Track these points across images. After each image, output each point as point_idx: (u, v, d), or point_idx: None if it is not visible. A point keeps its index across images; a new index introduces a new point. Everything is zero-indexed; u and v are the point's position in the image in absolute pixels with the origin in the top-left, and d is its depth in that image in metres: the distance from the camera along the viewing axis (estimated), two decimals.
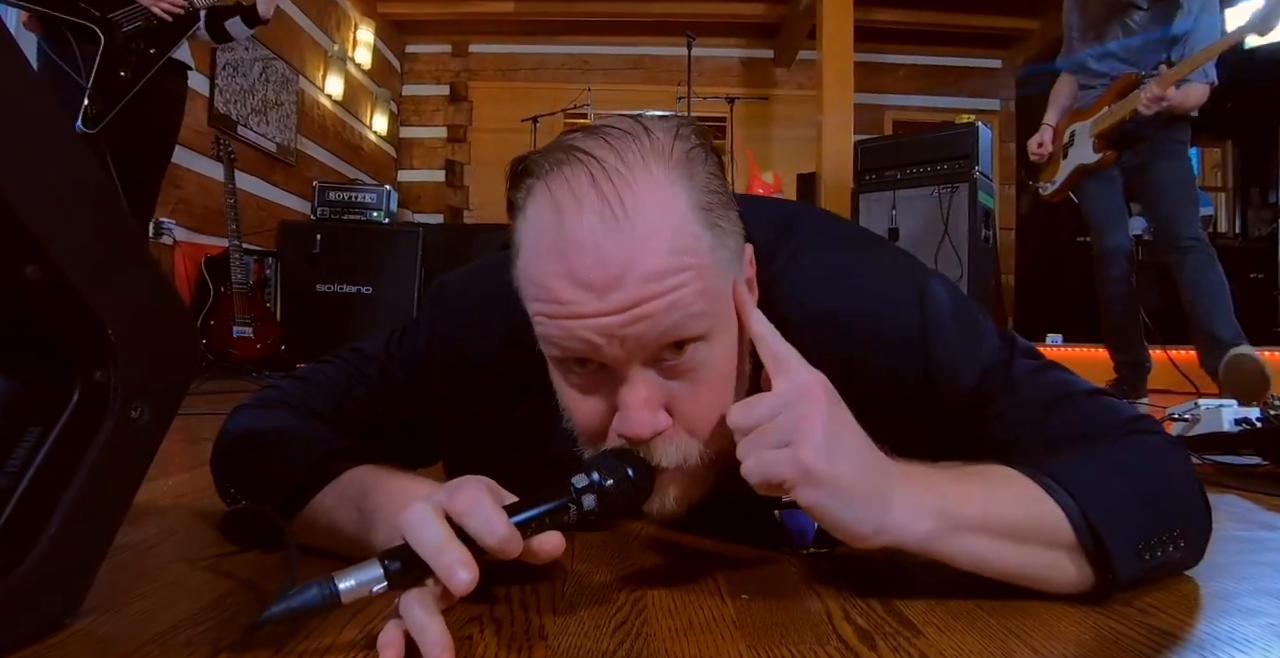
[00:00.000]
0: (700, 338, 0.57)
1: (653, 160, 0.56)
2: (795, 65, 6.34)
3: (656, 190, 0.55)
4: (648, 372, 0.57)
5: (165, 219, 3.42)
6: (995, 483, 0.59)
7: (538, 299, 0.56)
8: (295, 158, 4.72)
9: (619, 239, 0.53)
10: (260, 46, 4.24)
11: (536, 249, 0.56)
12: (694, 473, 0.60)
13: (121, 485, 0.54)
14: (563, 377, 0.61)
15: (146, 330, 0.53)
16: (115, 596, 0.58)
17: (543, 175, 0.56)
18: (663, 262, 0.53)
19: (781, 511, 0.70)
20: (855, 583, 0.63)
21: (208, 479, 0.77)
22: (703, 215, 0.56)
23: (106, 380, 0.50)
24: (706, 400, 0.59)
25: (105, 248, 0.50)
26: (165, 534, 0.77)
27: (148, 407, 0.53)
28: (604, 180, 0.54)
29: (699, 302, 0.55)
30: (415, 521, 0.50)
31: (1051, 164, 2.75)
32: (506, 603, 0.59)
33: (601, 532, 0.80)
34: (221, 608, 0.56)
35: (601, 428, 0.60)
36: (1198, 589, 0.64)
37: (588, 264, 0.53)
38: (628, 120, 0.59)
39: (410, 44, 6.53)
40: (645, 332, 0.54)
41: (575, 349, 0.56)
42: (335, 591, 0.48)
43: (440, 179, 6.45)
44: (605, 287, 0.53)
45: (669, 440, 0.58)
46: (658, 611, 0.57)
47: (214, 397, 2.33)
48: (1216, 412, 1.36)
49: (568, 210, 0.54)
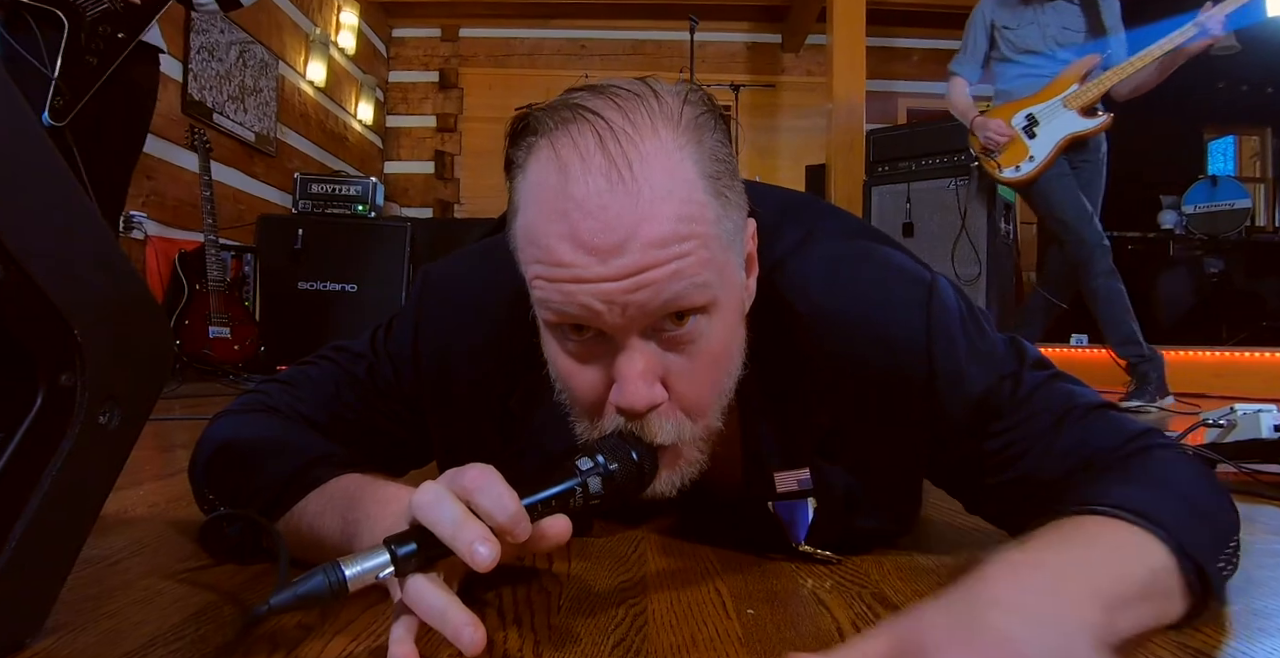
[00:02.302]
0: (702, 310, 0.58)
1: (661, 124, 0.56)
2: (804, 50, 6.34)
3: (665, 155, 0.55)
4: (647, 343, 0.58)
5: (136, 213, 3.42)
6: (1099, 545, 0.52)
7: (538, 261, 0.56)
8: (275, 148, 4.72)
9: (625, 203, 0.54)
10: (237, 29, 4.24)
11: (539, 209, 0.56)
12: (686, 453, 0.62)
13: (88, 495, 0.53)
14: (558, 344, 0.61)
15: (116, 331, 0.52)
16: (81, 613, 0.57)
17: (547, 133, 0.57)
18: (669, 228, 0.54)
19: (775, 502, 0.71)
20: (865, 597, 0.63)
21: (181, 488, 0.77)
22: (710, 184, 0.57)
23: (73, 384, 0.50)
24: (702, 377, 0.60)
25: (71, 244, 0.50)
26: (135, 547, 0.77)
27: (117, 412, 0.53)
28: (611, 142, 0.54)
29: (703, 271, 0.56)
30: (429, 501, 0.50)
31: (1012, 148, 2.91)
32: (499, 617, 0.58)
33: (599, 538, 0.80)
34: (196, 625, 0.56)
35: (598, 400, 0.60)
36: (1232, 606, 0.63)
37: (592, 227, 0.53)
38: (636, 82, 0.59)
39: (397, 27, 6.53)
40: (648, 299, 0.55)
41: (574, 315, 0.56)
42: (342, 577, 0.47)
43: (429, 171, 6.45)
44: (609, 251, 0.54)
45: (664, 416, 0.59)
46: (658, 625, 0.57)
47: (188, 401, 2.33)
48: (1255, 417, 1.35)
49: (573, 171, 0.54)
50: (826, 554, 0.72)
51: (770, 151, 6.13)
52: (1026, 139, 2.89)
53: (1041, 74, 2.92)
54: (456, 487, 0.51)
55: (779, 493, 0.71)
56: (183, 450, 1.41)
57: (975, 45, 3.05)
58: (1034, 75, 2.93)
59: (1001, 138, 2.91)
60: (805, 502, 0.71)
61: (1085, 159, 2.92)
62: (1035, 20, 2.92)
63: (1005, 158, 2.93)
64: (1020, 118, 2.90)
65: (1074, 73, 2.86)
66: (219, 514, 0.70)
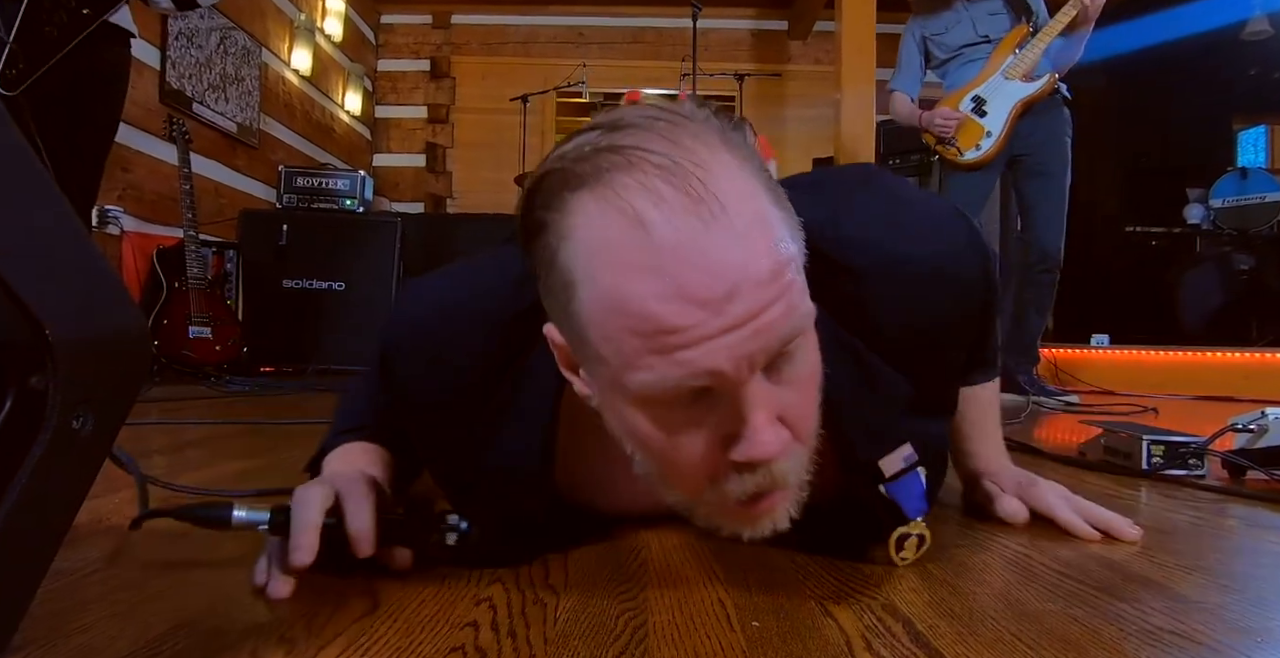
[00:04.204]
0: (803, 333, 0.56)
1: (715, 144, 0.53)
2: (811, 38, 6.34)
3: (736, 179, 0.52)
4: (763, 383, 0.54)
5: (112, 207, 3.42)
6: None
7: (636, 333, 0.51)
8: (258, 139, 4.72)
9: (725, 241, 0.50)
10: (217, 14, 4.24)
11: (617, 274, 0.50)
12: (802, 484, 0.60)
13: (60, 504, 0.53)
14: (652, 419, 0.56)
15: (90, 331, 0.52)
16: (52, 629, 0.57)
17: (588, 185, 0.52)
18: (770, 259, 0.52)
19: (888, 484, 0.70)
20: (875, 608, 0.63)
21: (159, 497, 0.78)
22: (775, 197, 0.55)
23: (44, 387, 0.50)
24: (808, 400, 0.59)
25: (41, 238, 0.50)
26: (110, 559, 0.77)
27: (91, 416, 0.52)
28: (683, 175, 0.50)
29: (803, 296, 0.55)
30: (301, 499, 0.66)
31: (967, 130, 3.01)
32: (493, 630, 0.58)
33: (598, 547, 0.80)
34: (174, 640, 0.56)
35: (713, 465, 0.57)
36: (1253, 623, 0.63)
37: (700, 279, 0.49)
38: (649, 108, 0.56)
39: (386, 13, 6.53)
40: (769, 343, 0.52)
41: (698, 384, 0.52)
42: (228, 516, 0.66)
43: (420, 164, 6.45)
44: (723, 300, 0.50)
45: (788, 455, 0.57)
46: (660, 639, 0.57)
47: (166, 404, 2.33)
48: None
49: (652, 217, 0.49)
50: (923, 529, 0.72)
51: (776, 143, 6.12)
52: (978, 118, 3.00)
53: (977, 59, 3.08)
54: (338, 487, 0.66)
55: (889, 476, 0.69)
56: (160, 456, 1.41)
57: (909, 60, 3.22)
58: (970, 60, 3.09)
59: (950, 122, 3.00)
60: (916, 472, 0.70)
61: (1041, 142, 3.01)
62: (960, 18, 3.10)
63: (963, 141, 3.02)
64: (966, 101, 3.02)
65: (1006, 47, 3.01)
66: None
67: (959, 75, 3.11)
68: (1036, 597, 0.67)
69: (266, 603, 0.64)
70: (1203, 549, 0.87)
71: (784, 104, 6.38)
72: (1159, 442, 1.34)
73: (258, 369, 3.82)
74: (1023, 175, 3.06)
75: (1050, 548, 0.83)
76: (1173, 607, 0.64)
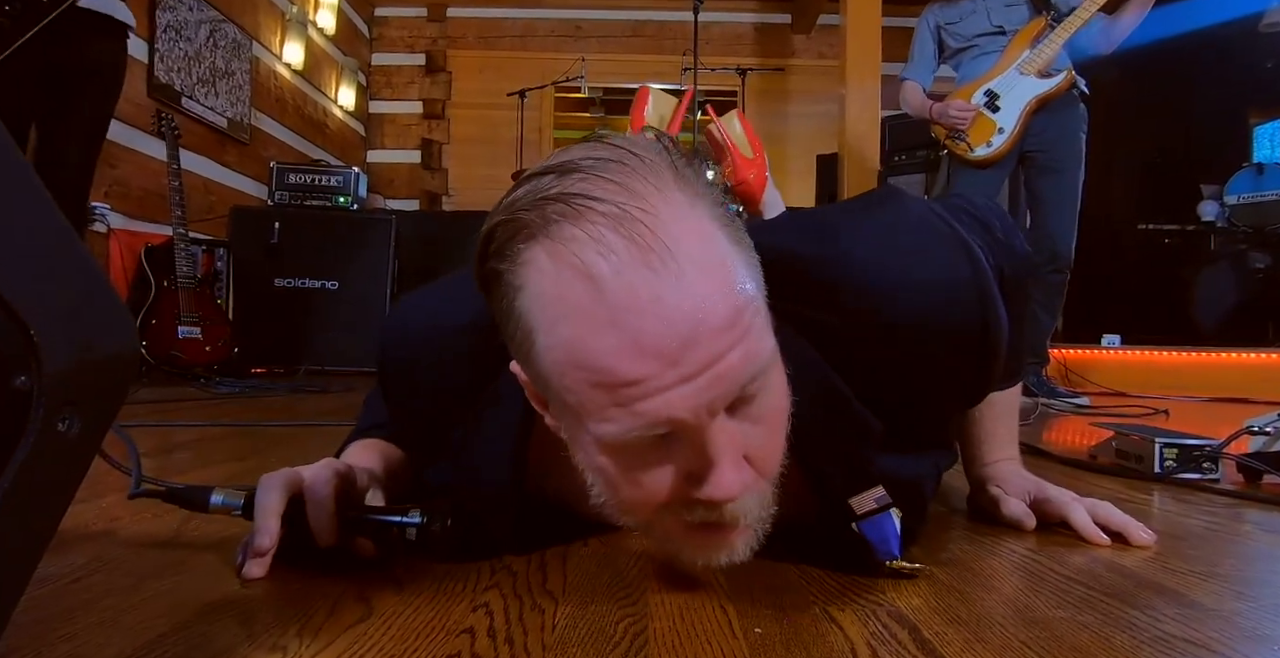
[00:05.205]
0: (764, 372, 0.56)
1: (665, 186, 0.53)
2: (815, 31, 6.34)
3: (686, 220, 0.52)
4: (727, 423, 0.55)
5: (99, 204, 3.41)
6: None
7: (595, 385, 0.52)
8: (249, 135, 4.72)
9: (677, 290, 0.50)
10: (207, 7, 4.24)
11: (572, 327, 0.51)
12: (763, 519, 0.61)
13: (45, 509, 0.53)
14: (615, 461, 0.58)
15: (76, 330, 0.52)
16: (36, 637, 0.57)
17: (538, 237, 0.52)
18: (727, 304, 0.52)
19: (859, 522, 0.71)
20: (881, 615, 0.63)
21: (146, 501, 0.79)
22: (731, 234, 0.55)
23: (29, 388, 0.50)
24: (774, 437, 0.59)
25: (26, 236, 0.50)
26: (96, 565, 0.77)
27: (77, 418, 0.52)
28: (630, 224, 0.50)
29: (765, 336, 0.55)
30: (265, 485, 0.72)
31: (978, 126, 2.99)
32: (490, 637, 0.58)
33: (597, 552, 0.80)
34: (162, 648, 0.56)
35: (672, 500, 0.58)
36: (1269, 630, 0.63)
37: (655, 329, 0.50)
38: (598, 146, 0.56)
39: (380, 6, 6.53)
40: (728, 389, 0.53)
41: (658, 432, 0.54)
42: (206, 498, 0.76)
43: (415, 160, 6.45)
44: (679, 350, 0.50)
45: (749, 493, 0.58)
46: (660, 646, 0.57)
47: (155, 406, 2.33)
48: None
49: (601, 269, 0.50)
50: (916, 567, 0.72)
51: (779, 140, 6.12)
52: (990, 114, 2.99)
53: (992, 51, 3.06)
54: (305, 477, 0.72)
55: (860, 514, 0.71)
56: (148, 460, 1.41)
57: (922, 49, 3.23)
58: (985, 53, 3.08)
59: (963, 115, 2.99)
60: (888, 514, 0.70)
61: (1054, 138, 2.99)
62: (976, 8, 3.09)
63: (974, 137, 3.01)
64: (979, 95, 3.01)
65: (1022, 40, 2.98)
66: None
67: (972, 68, 3.10)
68: (1046, 603, 0.67)
69: (258, 609, 0.64)
70: (1217, 555, 0.87)
71: (787, 99, 6.38)
72: (1172, 445, 1.34)
73: (248, 370, 3.82)
74: (1034, 172, 3.04)
75: (1060, 554, 0.83)
76: (1186, 614, 0.64)
